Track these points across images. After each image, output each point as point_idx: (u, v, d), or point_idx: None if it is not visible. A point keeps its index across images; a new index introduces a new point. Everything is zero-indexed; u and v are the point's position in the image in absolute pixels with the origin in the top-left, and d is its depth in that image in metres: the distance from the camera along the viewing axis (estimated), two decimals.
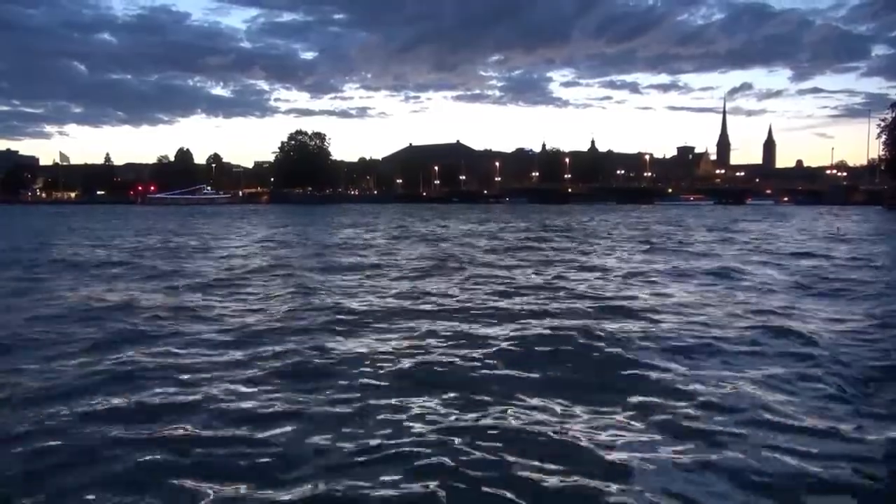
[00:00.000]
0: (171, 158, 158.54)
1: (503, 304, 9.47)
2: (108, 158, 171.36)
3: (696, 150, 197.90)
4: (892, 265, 15.43)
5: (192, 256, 18.14)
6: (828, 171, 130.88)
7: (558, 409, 4.91)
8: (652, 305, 9.25)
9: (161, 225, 40.78)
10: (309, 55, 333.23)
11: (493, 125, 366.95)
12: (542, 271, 13.78)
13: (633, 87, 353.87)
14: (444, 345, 6.89)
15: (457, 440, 4.25)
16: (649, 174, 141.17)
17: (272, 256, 18.01)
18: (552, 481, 3.70)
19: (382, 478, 3.74)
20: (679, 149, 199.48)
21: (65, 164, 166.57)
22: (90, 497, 3.59)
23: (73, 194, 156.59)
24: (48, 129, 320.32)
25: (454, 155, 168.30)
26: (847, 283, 11.95)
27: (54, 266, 15.36)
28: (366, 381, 5.59)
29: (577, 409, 4.89)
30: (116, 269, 14.73)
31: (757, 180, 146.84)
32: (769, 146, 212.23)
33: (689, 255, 17.79)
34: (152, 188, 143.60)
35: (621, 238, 25.95)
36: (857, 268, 14.50)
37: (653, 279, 12.49)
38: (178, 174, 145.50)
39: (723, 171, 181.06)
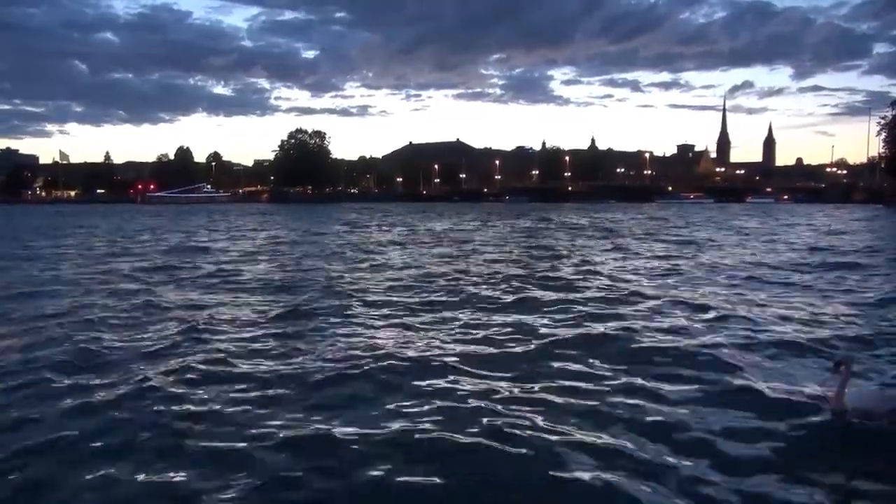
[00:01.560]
0: (171, 157, 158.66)
1: None
2: (107, 157, 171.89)
3: (697, 148, 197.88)
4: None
5: None
6: (828, 169, 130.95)
7: None
8: None
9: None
10: (310, 54, 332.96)
11: (494, 124, 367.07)
12: None
13: (635, 86, 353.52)
14: None
15: None
16: (649, 172, 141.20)
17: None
18: None
19: None
20: (679, 147, 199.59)
21: (64, 162, 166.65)
22: None
23: (73, 193, 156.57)
24: (49, 128, 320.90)
25: (454, 153, 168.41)
26: None
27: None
28: None
29: None
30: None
31: (757, 178, 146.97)
32: (769, 144, 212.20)
33: None
34: (152, 187, 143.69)
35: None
36: None
37: None
38: (178, 173, 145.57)
39: (723, 170, 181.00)
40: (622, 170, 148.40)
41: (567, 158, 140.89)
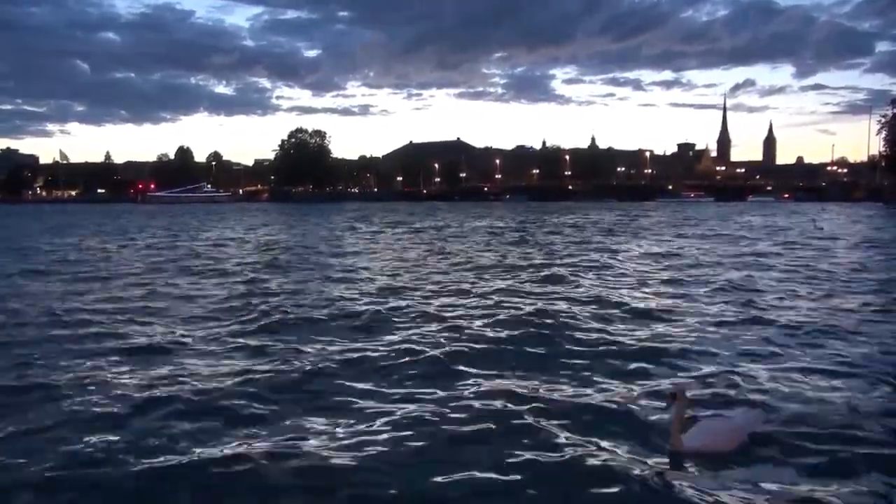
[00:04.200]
0: (172, 157, 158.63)
1: None
2: (108, 156, 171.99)
3: (697, 147, 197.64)
4: None
5: None
6: (828, 168, 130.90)
7: None
8: None
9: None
10: (312, 53, 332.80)
11: (495, 123, 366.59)
12: None
13: (636, 84, 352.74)
14: None
15: None
16: (649, 171, 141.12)
17: None
18: None
19: None
20: (679, 145, 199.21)
21: (65, 162, 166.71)
22: None
23: (73, 192, 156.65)
24: (50, 127, 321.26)
25: (454, 152, 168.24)
26: None
27: None
28: None
29: None
30: None
31: (757, 177, 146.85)
32: (769, 143, 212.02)
33: None
34: (152, 186, 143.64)
35: None
36: None
37: None
38: (178, 172, 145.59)
39: (723, 168, 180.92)
40: (622, 168, 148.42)
41: (567, 157, 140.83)
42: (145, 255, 19.27)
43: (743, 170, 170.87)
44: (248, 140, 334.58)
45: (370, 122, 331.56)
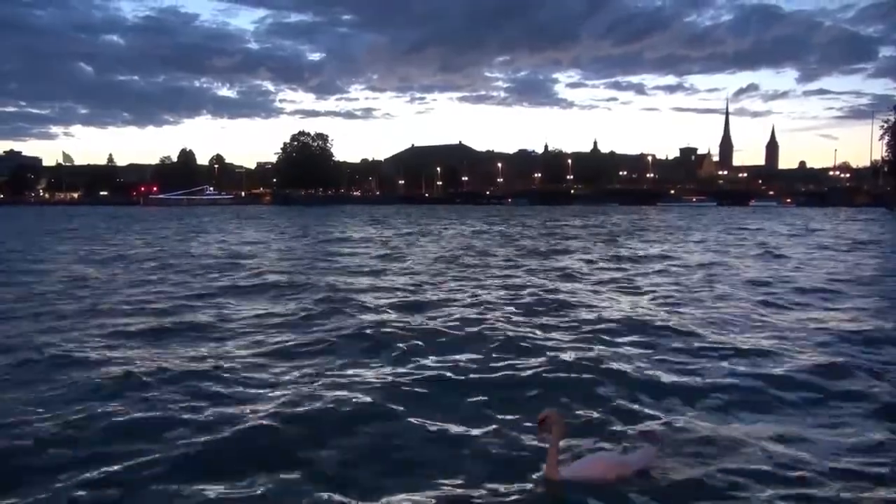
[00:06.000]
0: (174, 159, 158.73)
1: None
2: (110, 159, 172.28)
3: (700, 151, 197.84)
4: None
5: None
6: (830, 173, 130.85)
7: None
8: None
9: None
10: (315, 56, 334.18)
11: (497, 126, 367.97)
12: None
13: (639, 89, 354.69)
14: None
15: None
16: (651, 175, 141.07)
17: None
18: None
19: None
20: (681, 150, 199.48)
21: (68, 164, 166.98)
22: None
23: (75, 195, 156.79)
24: (54, 129, 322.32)
25: (456, 156, 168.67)
26: None
27: None
28: None
29: None
30: None
31: (760, 181, 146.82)
32: (772, 147, 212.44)
33: None
34: (154, 189, 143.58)
35: None
36: None
37: None
38: (181, 175, 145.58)
39: (725, 173, 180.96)
40: (624, 173, 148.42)
41: (569, 161, 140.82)
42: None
43: (745, 174, 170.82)
44: (251, 143, 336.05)
45: (373, 125, 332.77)
